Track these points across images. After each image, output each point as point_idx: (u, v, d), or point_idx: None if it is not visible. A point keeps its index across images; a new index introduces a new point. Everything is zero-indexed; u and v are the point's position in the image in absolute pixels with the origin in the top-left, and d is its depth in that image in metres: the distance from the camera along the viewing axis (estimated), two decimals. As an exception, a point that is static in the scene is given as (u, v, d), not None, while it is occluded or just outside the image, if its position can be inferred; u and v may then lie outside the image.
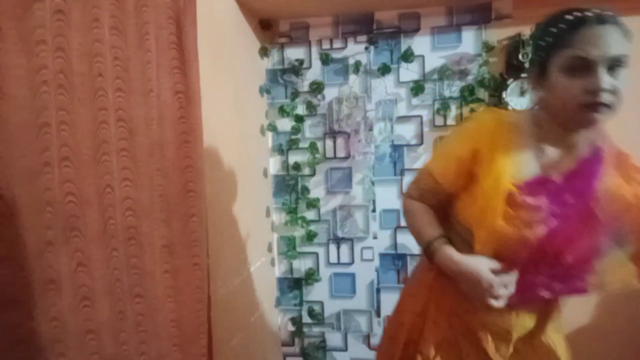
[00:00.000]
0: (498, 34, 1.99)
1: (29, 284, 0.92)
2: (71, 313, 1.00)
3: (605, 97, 0.85)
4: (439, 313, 1.06)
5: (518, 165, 0.91)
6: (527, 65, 1.89)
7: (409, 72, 2.07)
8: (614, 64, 0.85)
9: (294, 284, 2.27)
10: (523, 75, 1.90)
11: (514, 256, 0.91)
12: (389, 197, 2.15)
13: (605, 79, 0.85)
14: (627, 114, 1.85)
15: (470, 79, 2.01)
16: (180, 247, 1.33)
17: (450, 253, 0.98)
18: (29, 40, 0.90)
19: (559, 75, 0.89)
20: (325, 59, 2.13)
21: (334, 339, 2.26)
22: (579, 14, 0.87)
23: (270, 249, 2.24)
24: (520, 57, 1.89)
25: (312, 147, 2.17)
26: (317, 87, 2.14)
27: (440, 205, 1.06)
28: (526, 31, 1.92)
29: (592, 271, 0.88)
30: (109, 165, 1.09)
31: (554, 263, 0.89)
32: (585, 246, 0.87)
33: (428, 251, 1.03)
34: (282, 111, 2.17)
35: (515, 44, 1.93)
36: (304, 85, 2.17)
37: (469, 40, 2.02)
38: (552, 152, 0.94)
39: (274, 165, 2.26)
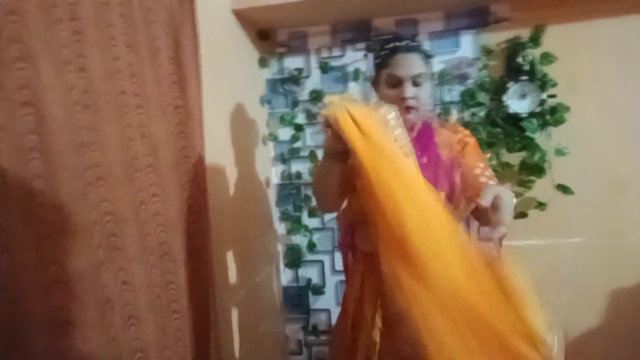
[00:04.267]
0: (496, 37, 1.98)
1: (86, 305, 0.91)
2: (123, 332, 0.99)
3: (410, 102, 1.23)
4: (370, 291, 1.29)
5: None
6: (526, 67, 1.89)
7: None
8: (417, 79, 1.23)
9: (300, 293, 2.27)
10: (523, 78, 1.90)
11: None
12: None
13: (410, 90, 1.22)
14: (629, 112, 1.87)
15: (470, 83, 2.01)
16: (180, 262, 1.32)
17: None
18: (57, 61, 0.90)
19: (384, 87, 1.27)
20: (325, 67, 2.13)
21: (341, 346, 2.25)
22: (395, 44, 1.26)
23: (275, 259, 2.24)
24: (519, 59, 1.89)
25: (313, 156, 2.17)
26: (317, 96, 2.14)
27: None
28: (525, 34, 1.92)
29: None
30: (141, 182, 1.09)
31: None
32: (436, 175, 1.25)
33: (336, 156, 1.12)
34: (283, 120, 2.18)
35: (514, 47, 1.93)
36: (304, 94, 2.17)
37: (468, 44, 2.02)
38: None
39: (276, 174, 2.26)
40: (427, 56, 1.29)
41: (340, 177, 1.18)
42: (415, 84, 1.24)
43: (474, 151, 1.31)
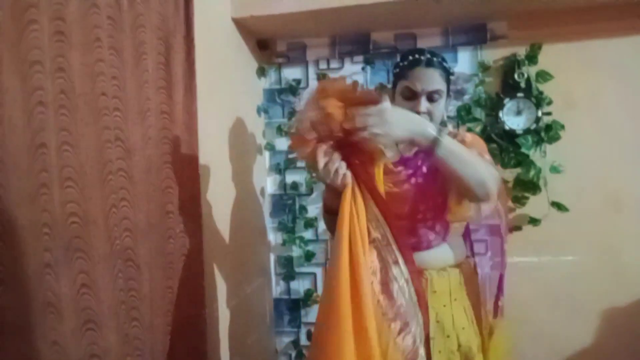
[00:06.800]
0: (493, 54, 2.00)
1: (28, 307, 0.89)
2: (73, 337, 0.97)
3: (422, 117, 1.19)
4: None
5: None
6: (522, 85, 1.90)
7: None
8: (432, 95, 1.22)
9: (291, 305, 2.23)
10: (519, 95, 1.91)
11: (400, 209, 1.22)
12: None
13: (424, 105, 1.22)
14: (624, 131, 1.89)
15: (466, 98, 2.02)
16: (155, 270, 1.30)
17: None
18: (24, 61, 0.89)
19: (399, 98, 1.27)
20: (323, 79, 2.14)
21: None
22: (415, 56, 1.25)
23: (267, 270, 2.21)
24: (515, 76, 1.90)
25: (309, 167, 2.16)
26: (314, 107, 2.14)
27: None
28: (521, 51, 1.94)
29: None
30: (113, 185, 1.08)
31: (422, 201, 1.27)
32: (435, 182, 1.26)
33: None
34: (280, 130, 2.17)
35: (510, 64, 1.95)
36: (301, 105, 2.17)
37: (465, 60, 2.04)
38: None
39: (271, 184, 2.25)
40: (448, 73, 1.28)
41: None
42: (431, 99, 1.23)
43: (470, 143, 1.28)
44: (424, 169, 1.28)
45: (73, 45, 0.99)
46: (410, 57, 1.26)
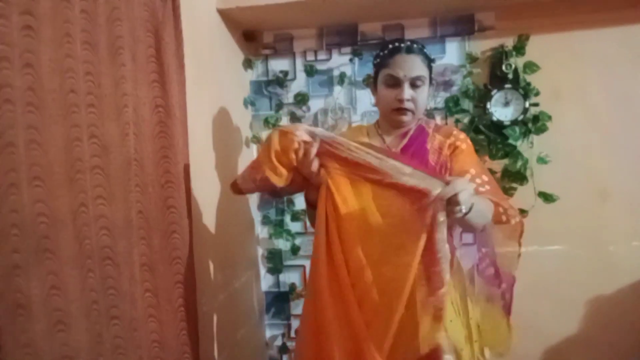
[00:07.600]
0: (481, 45, 2.00)
1: None
2: (45, 339, 0.94)
3: (407, 104, 1.25)
4: None
5: None
6: (510, 76, 1.90)
7: (394, 83, 2.07)
8: (415, 82, 1.24)
9: (280, 298, 2.23)
10: (507, 86, 1.91)
11: None
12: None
13: (407, 92, 1.23)
14: (611, 122, 1.90)
15: (454, 89, 2.02)
16: (161, 265, 1.29)
17: None
18: None
19: (381, 87, 1.28)
20: (310, 71, 2.12)
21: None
22: (395, 44, 1.26)
23: (255, 263, 2.20)
24: (503, 68, 1.90)
25: (298, 159, 2.14)
26: (302, 99, 2.12)
27: None
28: (509, 42, 1.93)
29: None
30: (83, 184, 1.04)
31: None
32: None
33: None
34: (267, 123, 2.15)
35: (498, 55, 1.95)
36: (289, 97, 2.15)
37: (453, 52, 2.03)
38: (390, 137, 1.35)
39: (259, 177, 2.23)
40: (429, 60, 1.28)
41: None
42: (414, 86, 1.25)
43: (465, 156, 1.29)
44: (417, 160, 1.27)
45: (42, 41, 0.95)
46: (391, 46, 1.26)
